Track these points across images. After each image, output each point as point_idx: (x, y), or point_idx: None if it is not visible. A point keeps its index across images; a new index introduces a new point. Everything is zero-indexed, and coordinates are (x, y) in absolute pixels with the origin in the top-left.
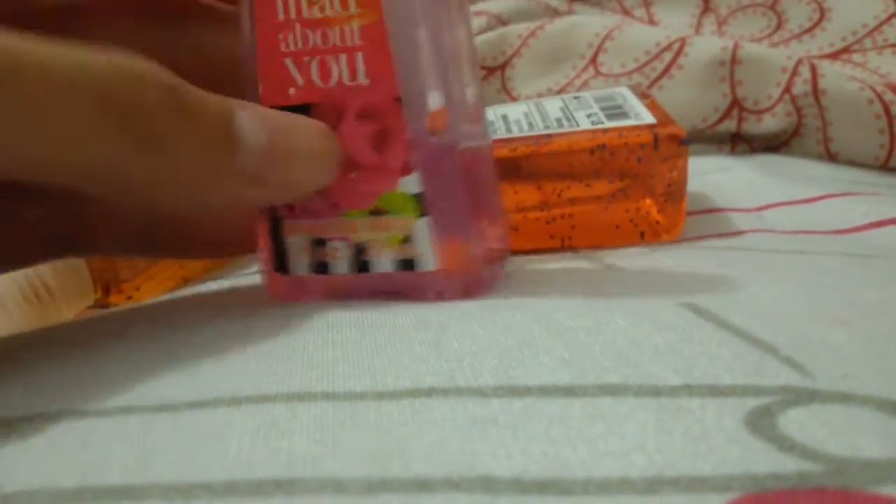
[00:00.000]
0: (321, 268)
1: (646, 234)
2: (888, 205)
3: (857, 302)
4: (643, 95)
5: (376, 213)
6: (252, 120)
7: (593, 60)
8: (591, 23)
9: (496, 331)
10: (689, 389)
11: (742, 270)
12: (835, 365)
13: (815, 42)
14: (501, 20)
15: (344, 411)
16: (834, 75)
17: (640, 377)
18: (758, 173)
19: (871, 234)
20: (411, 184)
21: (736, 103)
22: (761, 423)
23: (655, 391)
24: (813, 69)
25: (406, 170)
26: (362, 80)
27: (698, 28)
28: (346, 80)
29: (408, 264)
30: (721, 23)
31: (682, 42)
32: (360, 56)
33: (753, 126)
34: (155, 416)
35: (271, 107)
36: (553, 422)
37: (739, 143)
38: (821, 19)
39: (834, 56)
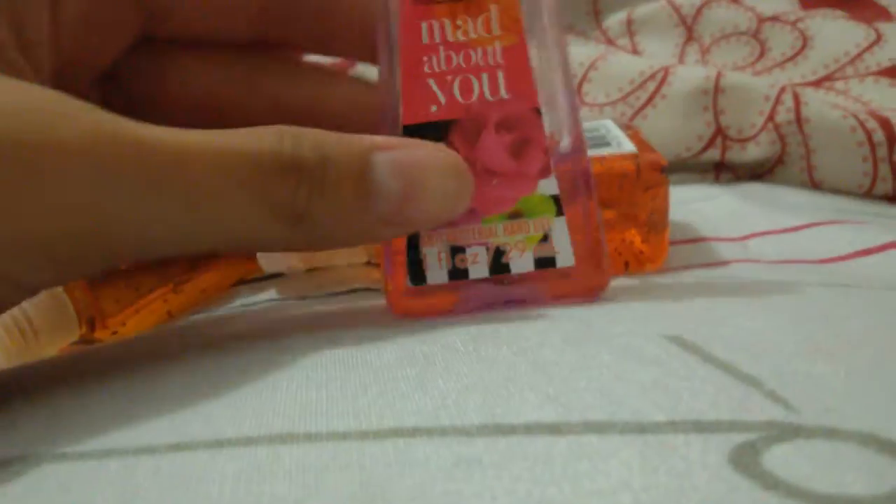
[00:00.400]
0: (459, 274)
1: (630, 264)
2: (872, 233)
3: (842, 333)
4: (626, 127)
5: (514, 216)
6: (388, 166)
7: (578, 90)
8: (575, 53)
9: (481, 367)
10: (673, 425)
11: (727, 302)
12: (818, 398)
13: (797, 70)
14: None
15: (327, 452)
16: (817, 103)
17: (625, 413)
18: (742, 202)
19: (855, 263)
20: (548, 186)
21: (720, 132)
22: (745, 460)
23: (640, 427)
24: (796, 97)
25: (544, 174)
26: (503, 94)
27: (682, 57)
28: (487, 95)
29: (548, 262)
30: (705, 51)
31: (666, 71)
32: (501, 73)
33: (737, 154)
34: (136, 459)
35: (414, 125)
36: (538, 461)
37: (724, 171)
38: (803, 47)
39: (817, 84)
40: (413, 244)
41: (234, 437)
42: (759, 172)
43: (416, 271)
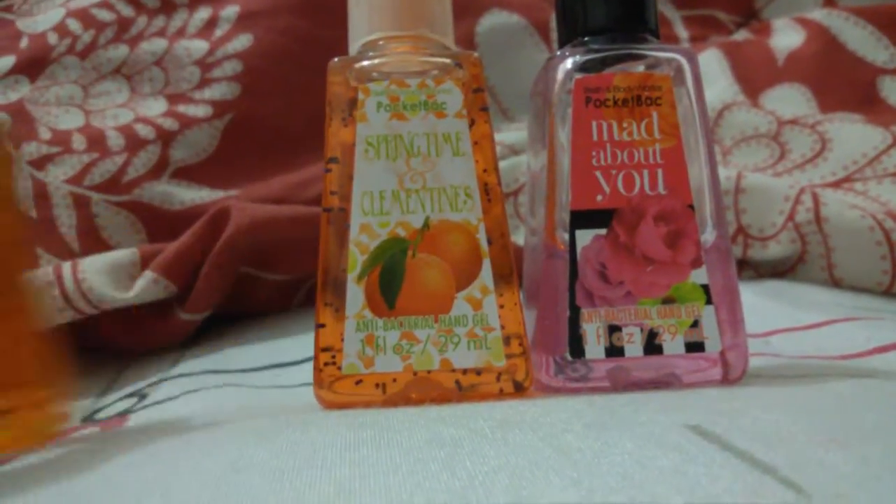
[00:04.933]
0: (616, 351)
1: None
2: (890, 330)
3: (856, 424)
4: None
5: (667, 301)
6: None
7: None
8: None
9: (507, 451)
10: None
11: (747, 393)
12: (830, 485)
13: (817, 171)
14: (514, 150)
15: None
16: (835, 203)
17: (644, 497)
18: (764, 299)
19: (873, 360)
20: (699, 276)
21: (741, 230)
22: None
23: None
24: (815, 197)
25: (696, 264)
26: (661, 190)
27: None
28: (647, 190)
29: (697, 346)
30: (726, 153)
31: None
32: (660, 172)
33: (759, 252)
34: None
35: (581, 210)
36: None
37: (745, 268)
38: (822, 150)
39: (836, 185)
40: (575, 320)
41: None
42: (781, 270)
43: (576, 345)
